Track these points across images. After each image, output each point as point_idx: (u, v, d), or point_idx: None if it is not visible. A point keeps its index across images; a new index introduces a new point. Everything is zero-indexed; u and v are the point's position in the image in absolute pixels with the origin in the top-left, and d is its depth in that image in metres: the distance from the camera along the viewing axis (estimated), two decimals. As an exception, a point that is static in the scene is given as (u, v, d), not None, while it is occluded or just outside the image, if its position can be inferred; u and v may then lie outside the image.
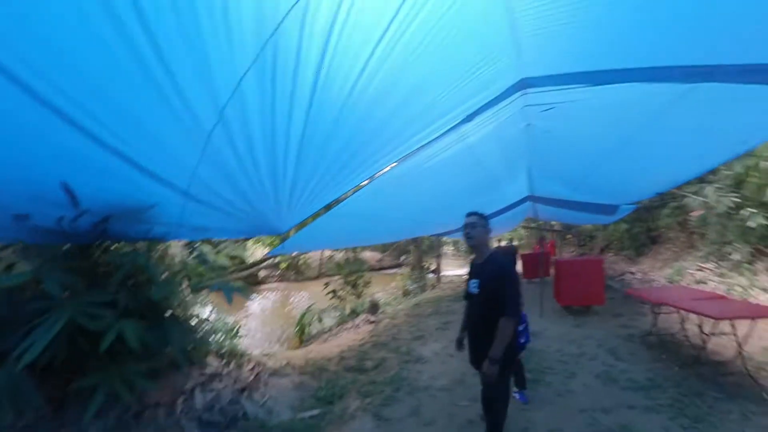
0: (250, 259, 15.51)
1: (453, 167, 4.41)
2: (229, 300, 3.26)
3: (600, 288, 7.90)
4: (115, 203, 2.61)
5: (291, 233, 4.88)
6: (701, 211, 9.43)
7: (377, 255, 29.30)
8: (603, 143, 4.63)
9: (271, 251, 6.94)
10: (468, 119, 3.21)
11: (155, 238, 3.27)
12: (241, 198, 2.96)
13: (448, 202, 5.84)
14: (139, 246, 3.32)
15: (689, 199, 9.62)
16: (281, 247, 4.84)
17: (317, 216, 4.25)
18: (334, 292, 11.02)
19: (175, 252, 4.54)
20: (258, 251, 16.75)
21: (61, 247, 3.06)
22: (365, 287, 11.59)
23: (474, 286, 2.85)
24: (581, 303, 8.07)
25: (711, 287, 8.66)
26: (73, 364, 2.75)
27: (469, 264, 3.03)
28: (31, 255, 2.91)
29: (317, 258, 23.84)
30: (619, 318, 7.43)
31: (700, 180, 9.50)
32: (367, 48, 1.99)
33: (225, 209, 3.06)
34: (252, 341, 9.48)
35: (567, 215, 12.16)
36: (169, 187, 2.56)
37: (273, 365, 4.86)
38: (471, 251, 3.01)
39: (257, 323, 12.71)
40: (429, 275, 16.85)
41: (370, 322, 8.51)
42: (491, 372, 2.61)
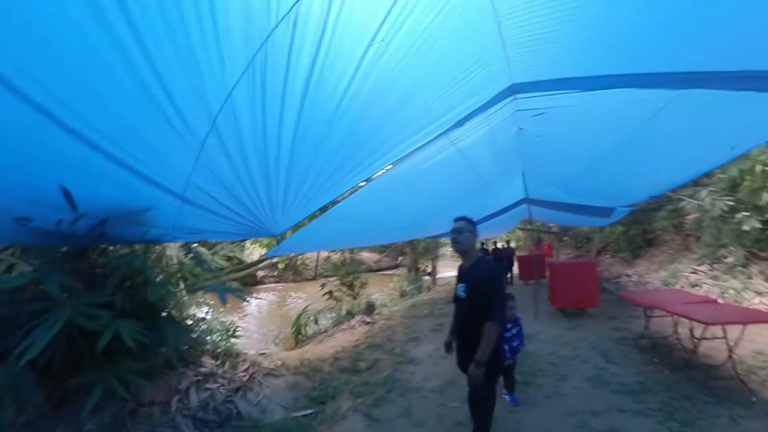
0: (247, 260, 15.52)
1: (447, 170, 4.46)
2: (223, 301, 3.31)
3: (594, 291, 7.93)
4: (113, 207, 2.67)
5: (287, 234, 4.90)
6: (696, 214, 9.47)
7: (375, 256, 29.36)
8: (595, 147, 4.67)
9: (267, 252, 6.96)
10: (459, 124, 3.26)
11: (151, 240, 3.33)
12: (236, 201, 3.02)
13: (442, 204, 5.88)
14: (136, 248, 3.39)
15: (685, 202, 9.68)
16: (277, 249, 4.86)
17: (313, 217, 4.29)
18: (330, 293, 11.04)
19: (172, 253, 4.57)
20: (256, 252, 16.78)
21: (60, 250, 3.13)
22: (362, 288, 11.62)
23: (461, 290, 2.88)
24: (575, 305, 8.09)
25: (705, 290, 8.71)
26: (72, 362, 2.83)
27: (458, 268, 3.06)
28: (31, 257, 2.97)
29: (315, 259, 23.86)
30: (613, 321, 7.44)
31: (695, 183, 9.57)
32: (357, 53, 2.06)
33: (220, 212, 3.11)
34: (248, 342, 9.52)
35: (563, 217, 12.20)
36: (165, 192, 2.62)
37: (268, 365, 4.90)
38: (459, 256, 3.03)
39: (254, 324, 12.73)
40: (425, 277, 16.88)
41: (365, 323, 8.54)
42: (477, 375, 2.65)
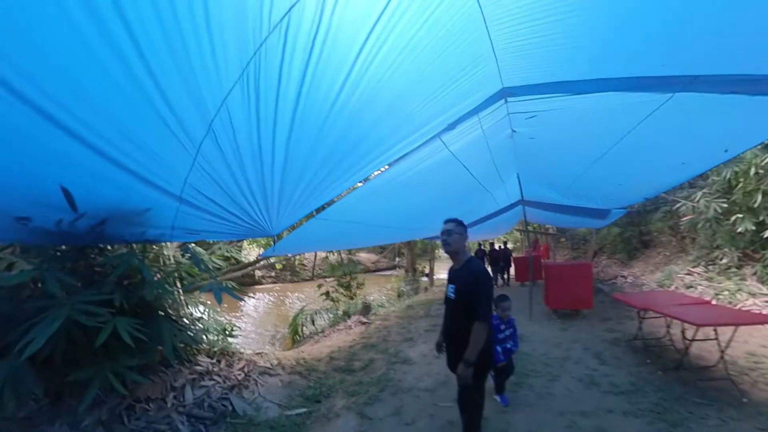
0: (245, 260, 15.56)
1: (441, 172, 4.51)
2: (219, 300, 3.37)
3: (588, 292, 7.99)
4: (112, 207, 2.74)
5: (284, 235, 4.94)
6: (691, 216, 9.53)
7: (373, 257, 29.41)
8: (589, 149, 4.73)
9: (264, 253, 6.99)
10: (451, 127, 3.32)
11: (149, 240, 3.40)
12: (232, 203, 3.07)
13: (438, 205, 5.92)
14: (134, 248, 3.47)
15: (680, 204, 9.74)
16: (273, 249, 4.89)
17: (310, 217, 4.34)
18: (327, 293, 11.09)
19: (169, 253, 4.61)
20: (253, 252, 16.80)
21: (59, 249, 3.20)
22: (358, 289, 11.67)
23: (451, 291, 2.93)
24: (570, 307, 8.16)
25: (699, 291, 8.76)
26: (70, 358, 2.89)
27: (449, 270, 3.10)
28: (30, 256, 3.03)
29: (313, 260, 23.89)
30: (607, 322, 7.48)
31: (690, 185, 9.64)
32: (349, 59, 2.12)
33: (217, 213, 3.17)
34: (245, 342, 9.56)
35: (559, 219, 12.26)
36: (163, 193, 2.68)
37: (264, 364, 4.96)
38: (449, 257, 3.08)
39: (251, 324, 12.78)
40: (423, 278, 16.92)
41: (362, 323, 8.60)
42: (465, 374, 2.69)
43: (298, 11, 1.67)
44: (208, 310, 5.70)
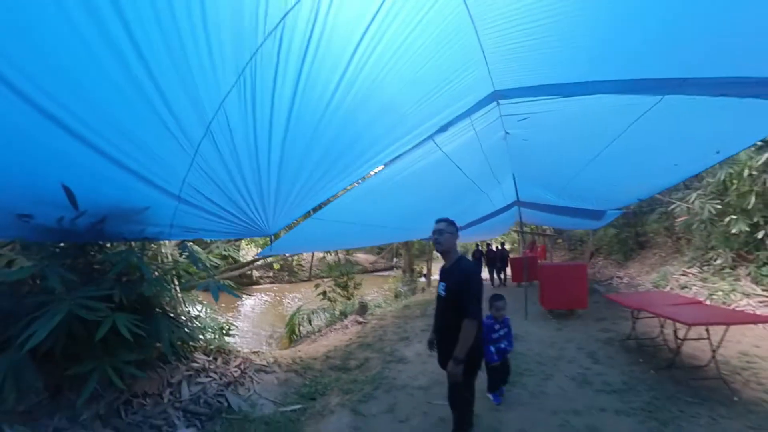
0: (242, 259, 15.59)
1: (436, 173, 4.56)
2: (215, 297, 3.44)
3: (583, 292, 8.03)
4: (112, 205, 2.80)
5: (281, 234, 4.98)
6: (685, 217, 9.58)
7: (371, 257, 29.46)
8: (582, 151, 4.78)
9: (260, 252, 7.02)
10: (444, 129, 3.37)
11: (148, 238, 3.48)
12: (229, 202, 3.14)
13: (434, 206, 5.96)
14: (133, 245, 3.52)
15: (675, 205, 9.80)
16: (270, 248, 4.94)
17: (307, 217, 4.39)
18: (324, 293, 11.12)
19: (167, 251, 4.65)
20: (251, 252, 16.82)
21: (59, 246, 3.25)
22: (356, 289, 11.70)
23: (442, 289, 2.98)
24: (565, 307, 8.20)
25: (694, 292, 8.79)
26: (70, 353, 2.95)
27: (440, 269, 3.14)
28: (31, 253, 3.08)
29: (310, 260, 23.92)
30: (602, 322, 7.50)
31: (686, 186, 9.70)
32: (342, 63, 2.19)
33: (214, 212, 3.23)
34: (243, 341, 9.58)
35: (556, 220, 12.32)
36: (162, 192, 2.74)
37: (260, 362, 5.01)
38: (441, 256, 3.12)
39: (249, 324, 12.80)
40: (421, 279, 16.96)
41: (358, 323, 8.64)
42: (455, 372, 2.73)
43: (291, 18, 1.73)
44: (205, 308, 5.74)
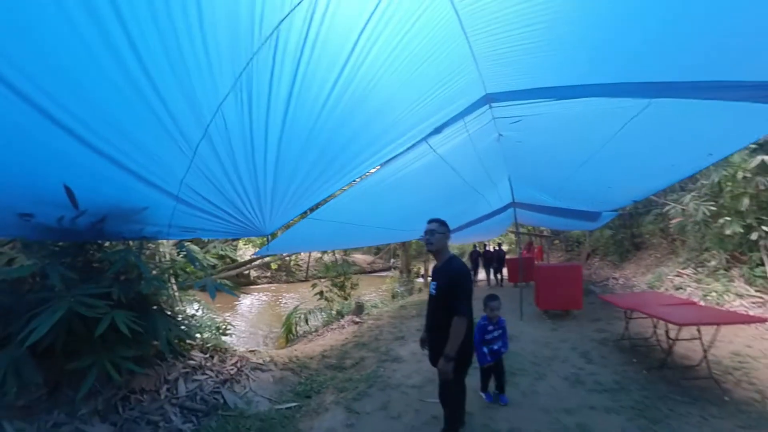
0: (240, 259, 15.63)
1: (431, 174, 4.62)
2: (212, 296, 3.47)
3: (578, 293, 8.10)
4: (111, 205, 2.84)
5: (278, 234, 5.02)
6: (680, 219, 9.65)
7: (369, 258, 29.50)
8: (575, 153, 4.84)
9: (258, 252, 7.07)
10: (437, 131, 3.43)
11: (147, 237, 3.52)
12: (227, 202, 3.19)
13: (430, 207, 6.01)
14: (131, 244, 3.57)
15: (669, 207, 9.86)
16: (267, 248, 4.98)
17: (303, 217, 4.43)
18: (321, 293, 11.16)
19: (165, 251, 4.70)
20: (249, 251, 16.87)
21: (58, 244, 3.29)
22: (352, 289, 11.74)
23: (433, 288, 3.04)
24: (560, 307, 8.28)
25: (688, 293, 8.86)
26: (69, 350, 3.01)
27: (432, 268, 3.20)
28: (31, 251, 3.13)
29: (307, 260, 23.95)
30: (597, 322, 7.57)
31: (681, 188, 9.77)
32: (336, 68, 2.24)
33: (212, 212, 3.28)
34: (239, 341, 9.64)
35: (552, 221, 12.38)
36: (161, 192, 2.78)
37: (256, 361, 5.06)
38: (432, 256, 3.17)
39: (246, 323, 12.82)
40: (419, 279, 17.00)
41: (355, 323, 8.69)
42: (446, 369, 2.78)
43: (286, 26, 1.78)
44: (202, 307, 5.79)
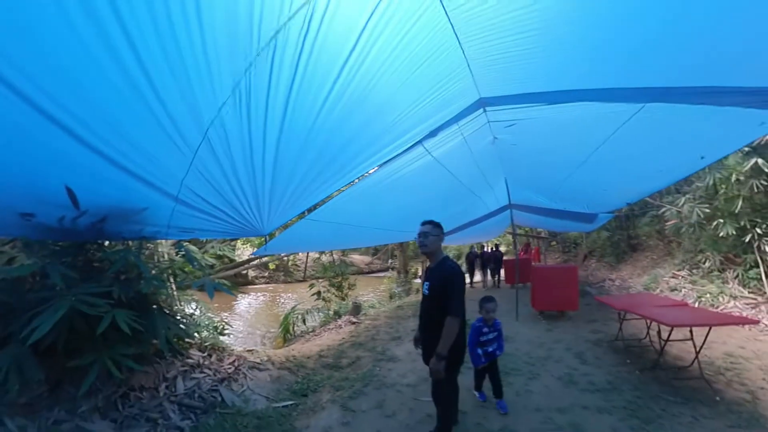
0: (238, 259, 15.67)
1: (427, 176, 4.67)
2: (211, 295, 3.52)
3: (574, 294, 8.16)
4: (112, 205, 2.90)
5: (276, 234, 5.07)
6: (675, 221, 9.72)
7: (367, 258, 29.57)
8: (569, 156, 4.90)
9: (256, 251, 7.13)
10: (433, 134, 3.49)
11: (146, 237, 3.59)
12: (225, 203, 3.24)
13: (427, 208, 6.05)
14: (130, 244, 3.62)
15: (665, 209, 9.93)
16: (265, 248, 5.03)
17: (301, 217, 4.49)
18: (319, 293, 11.20)
19: (163, 250, 4.74)
20: (247, 251, 16.90)
21: (59, 244, 3.34)
22: (350, 289, 11.78)
23: (426, 288, 3.09)
24: (555, 308, 8.35)
25: (683, 294, 8.93)
26: (70, 348, 3.06)
27: (425, 269, 3.25)
28: (31, 250, 3.18)
29: (305, 260, 23.98)
30: (593, 323, 7.63)
31: (677, 190, 9.84)
32: (332, 73, 2.29)
33: (210, 212, 3.34)
34: (237, 340, 9.66)
35: (549, 222, 12.44)
36: (161, 193, 2.84)
37: (253, 360, 5.10)
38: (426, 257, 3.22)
39: (243, 323, 12.86)
40: (415, 280, 17.03)
41: (352, 323, 8.74)
42: (437, 368, 2.82)
43: (283, 35, 1.84)
44: (200, 307, 5.84)
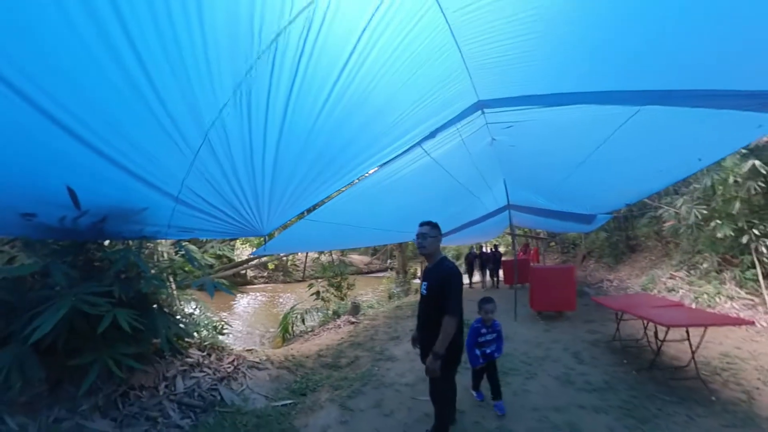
0: (237, 259, 15.69)
1: (426, 177, 4.71)
2: (211, 294, 3.55)
3: (572, 295, 8.20)
4: (112, 205, 2.92)
5: (275, 234, 5.10)
6: (672, 222, 9.76)
7: (366, 258, 29.59)
8: (567, 158, 4.93)
9: (255, 251, 7.14)
10: (431, 135, 3.52)
11: (146, 236, 3.61)
12: (225, 203, 3.27)
13: (426, 209, 6.07)
14: (130, 244, 3.65)
15: (663, 210, 9.97)
16: (264, 248, 5.06)
17: (300, 218, 4.52)
18: (318, 293, 11.23)
19: (163, 250, 4.77)
20: (246, 251, 16.91)
21: (59, 243, 3.36)
22: (349, 289, 11.80)
23: (424, 287, 3.13)
24: (553, 308, 8.39)
25: (680, 295, 8.97)
26: (71, 348, 3.09)
27: (423, 269, 3.28)
28: (32, 250, 3.21)
29: (304, 260, 24.00)
30: (590, 324, 7.66)
31: (675, 191, 9.88)
32: (332, 76, 2.33)
33: (210, 213, 3.36)
34: (236, 340, 9.67)
35: (548, 223, 12.48)
36: (162, 193, 2.87)
37: (252, 359, 5.12)
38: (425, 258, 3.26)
39: (242, 323, 12.86)
40: (414, 280, 17.05)
41: (350, 323, 8.77)
42: (433, 366, 2.84)
43: (283, 38, 1.87)
44: (199, 306, 5.87)
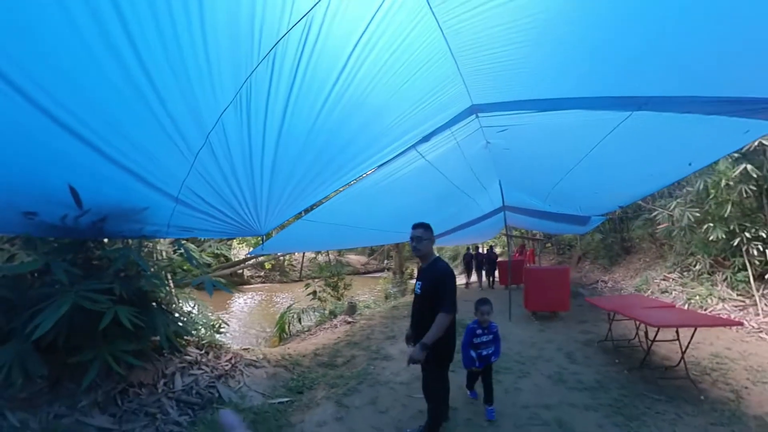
0: (234, 258, 15.71)
1: (422, 179, 4.79)
2: (210, 292, 3.60)
3: (566, 295, 8.30)
4: (112, 205, 2.97)
5: (273, 234, 5.16)
6: (666, 224, 9.87)
7: (363, 258, 29.65)
8: (560, 161, 5.02)
9: (252, 251, 7.20)
10: (426, 139, 3.60)
11: (146, 236, 3.66)
12: (224, 203, 3.33)
13: (422, 210, 6.14)
14: (130, 243, 3.71)
15: (657, 212, 10.08)
16: (261, 248, 5.12)
17: (298, 218, 4.59)
18: (314, 293, 11.27)
19: (162, 249, 4.83)
20: (243, 251, 16.94)
21: (59, 242, 3.41)
22: (345, 289, 11.85)
23: (418, 287, 3.21)
24: (547, 309, 8.49)
25: (673, 296, 9.09)
26: (71, 345, 3.14)
27: (418, 269, 3.36)
28: (32, 248, 3.25)
29: (301, 260, 24.03)
30: (584, 324, 7.76)
31: (669, 194, 9.99)
32: (330, 80, 2.40)
33: (209, 213, 3.42)
34: (233, 340, 9.70)
35: (543, 225, 12.59)
36: (162, 194, 2.92)
37: (250, 357, 5.18)
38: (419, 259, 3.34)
39: (239, 323, 12.90)
40: (411, 280, 17.11)
41: (347, 322, 8.82)
42: (418, 356, 2.87)
43: (282, 44, 1.94)
44: (197, 305, 5.93)
